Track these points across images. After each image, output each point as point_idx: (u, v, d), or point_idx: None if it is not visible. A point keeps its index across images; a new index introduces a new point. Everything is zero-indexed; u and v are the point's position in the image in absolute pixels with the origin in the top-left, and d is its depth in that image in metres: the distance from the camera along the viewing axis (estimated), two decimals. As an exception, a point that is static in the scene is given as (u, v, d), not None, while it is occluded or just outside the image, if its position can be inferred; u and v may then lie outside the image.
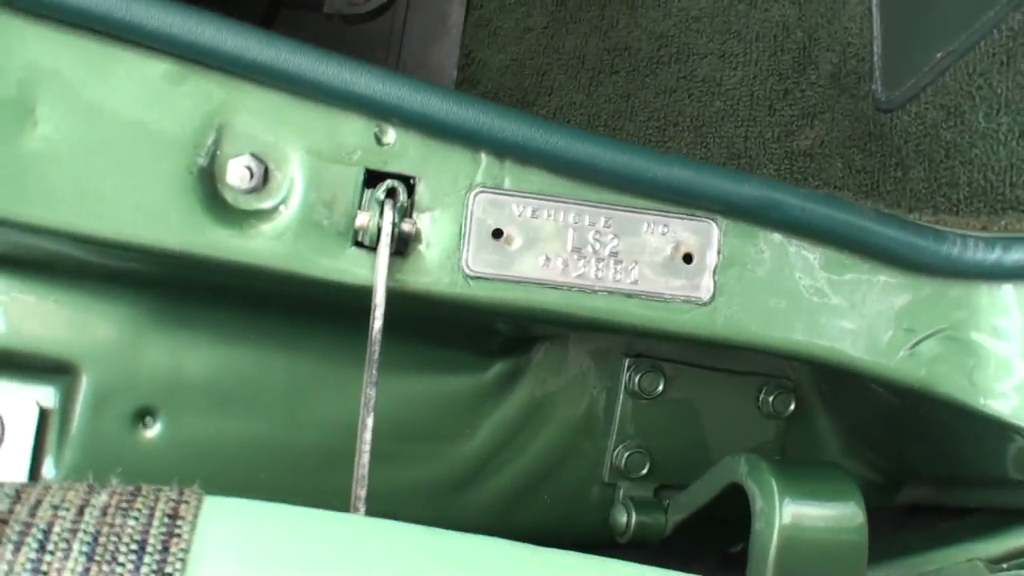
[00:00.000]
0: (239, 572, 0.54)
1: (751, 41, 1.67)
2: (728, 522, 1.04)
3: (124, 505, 0.55)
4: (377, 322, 0.82)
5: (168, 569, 0.52)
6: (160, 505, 0.56)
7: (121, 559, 0.52)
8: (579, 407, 1.14)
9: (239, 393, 1.04)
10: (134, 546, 0.53)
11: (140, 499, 0.56)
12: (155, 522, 0.55)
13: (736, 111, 1.62)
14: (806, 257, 0.94)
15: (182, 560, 0.53)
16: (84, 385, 1.01)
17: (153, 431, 1.02)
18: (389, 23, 1.84)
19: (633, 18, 1.79)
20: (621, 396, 1.14)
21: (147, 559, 0.52)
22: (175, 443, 1.03)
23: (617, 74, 1.74)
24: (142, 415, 1.02)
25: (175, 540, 0.54)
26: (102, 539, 0.53)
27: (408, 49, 1.84)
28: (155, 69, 0.83)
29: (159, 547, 0.53)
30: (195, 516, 0.56)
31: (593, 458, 1.15)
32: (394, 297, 0.85)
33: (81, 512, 0.54)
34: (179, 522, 0.55)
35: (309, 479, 1.05)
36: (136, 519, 0.54)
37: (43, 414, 1.01)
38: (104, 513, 0.55)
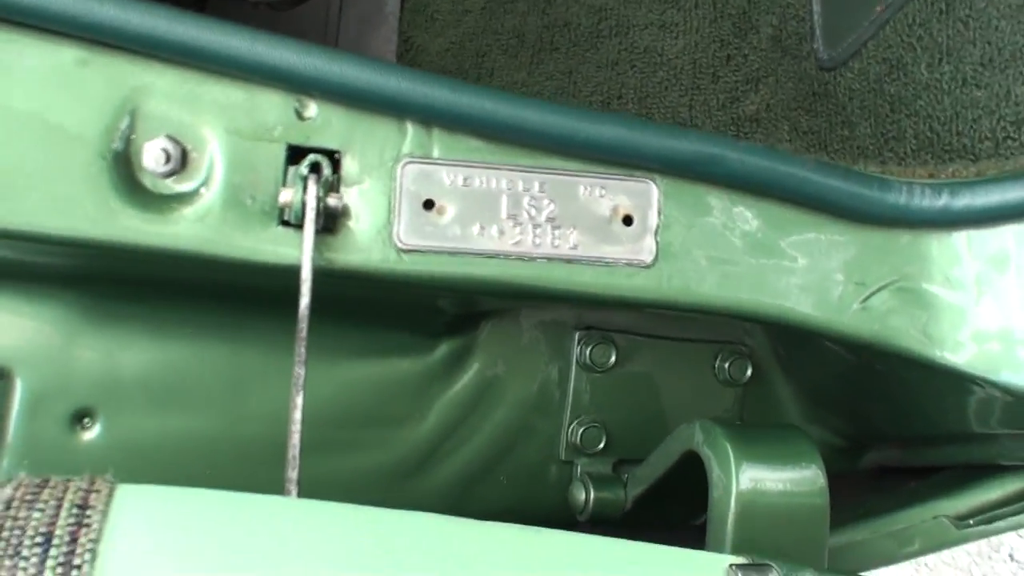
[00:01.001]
0: (154, 560, 0.51)
1: (690, 9, 1.65)
2: (694, 494, 1.01)
3: (29, 498, 0.52)
4: (304, 299, 0.79)
5: (76, 561, 0.49)
6: (69, 496, 0.53)
7: (25, 552, 0.49)
8: (531, 384, 1.12)
9: (179, 388, 1.01)
10: (39, 539, 0.50)
11: (47, 491, 0.53)
12: (63, 513, 0.51)
13: (679, 80, 1.60)
14: (750, 214, 0.91)
15: (91, 551, 0.50)
16: (19, 390, 0.98)
17: (92, 432, 0.99)
18: (324, 12, 1.81)
19: (571, 2, 1.76)
20: (573, 371, 1.11)
21: (53, 551, 0.49)
22: (115, 443, 1.00)
23: (557, 51, 1.72)
24: (80, 416, 0.99)
25: (84, 531, 0.51)
26: (4, 533, 0.50)
27: (345, 38, 1.81)
28: (63, 56, 0.80)
29: (67, 538, 0.50)
30: (107, 505, 0.53)
31: (548, 436, 1.13)
32: (325, 276, 0.82)
33: (-17, 508, 0.51)
34: (89, 512, 0.52)
35: (257, 472, 1.02)
36: (42, 511, 0.51)
37: (-23, 423, 0.98)
38: (8, 507, 0.51)
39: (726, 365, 1.16)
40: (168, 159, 0.80)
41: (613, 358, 1.11)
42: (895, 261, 0.94)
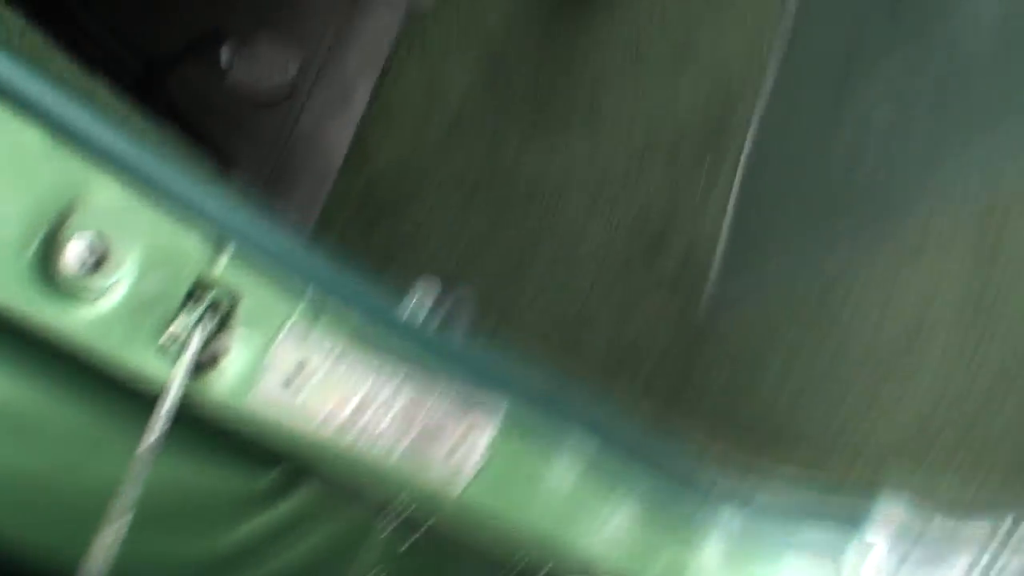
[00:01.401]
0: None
1: (615, 207, 1.75)
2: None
3: None
4: (154, 435, 0.86)
5: None
6: None
7: None
8: (341, 528, 1.18)
9: (35, 427, 1.05)
10: None
11: None
12: None
13: (578, 282, 1.70)
14: (573, 457, 1.01)
15: None
16: None
17: None
18: (292, 94, 1.89)
19: (518, 159, 1.86)
20: (383, 522, 1.18)
21: None
22: None
23: (487, 199, 1.82)
24: None
25: None
26: None
27: (305, 120, 1.89)
28: (24, 137, 0.85)
29: None
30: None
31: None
32: (184, 406, 0.89)
33: None
34: None
35: (84, 526, 1.06)
36: None
37: None
38: None
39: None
40: (85, 261, 0.86)
41: (422, 526, 1.19)
42: (673, 530, 1.05)
